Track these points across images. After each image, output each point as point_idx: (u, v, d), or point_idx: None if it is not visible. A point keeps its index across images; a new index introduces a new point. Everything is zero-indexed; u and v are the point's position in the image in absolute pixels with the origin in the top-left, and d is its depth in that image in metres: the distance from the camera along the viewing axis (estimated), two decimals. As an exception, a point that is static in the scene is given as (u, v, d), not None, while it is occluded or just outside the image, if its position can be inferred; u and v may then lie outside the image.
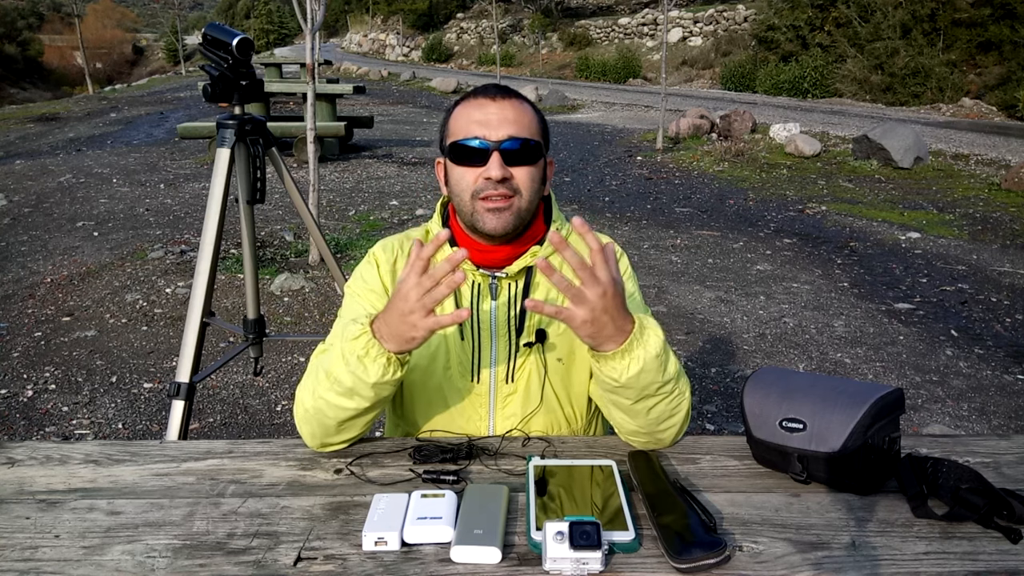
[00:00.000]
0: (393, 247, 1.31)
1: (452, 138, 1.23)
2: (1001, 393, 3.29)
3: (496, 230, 1.20)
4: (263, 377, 3.40)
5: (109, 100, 17.79)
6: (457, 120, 1.23)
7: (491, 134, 1.18)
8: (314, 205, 4.73)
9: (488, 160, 1.17)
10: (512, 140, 1.18)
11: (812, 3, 17.84)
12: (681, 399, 1.13)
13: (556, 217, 1.32)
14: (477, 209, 1.20)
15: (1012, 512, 0.93)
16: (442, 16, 39.50)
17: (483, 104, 1.20)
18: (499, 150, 1.17)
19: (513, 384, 1.27)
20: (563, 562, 0.85)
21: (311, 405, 1.13)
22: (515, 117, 1.20)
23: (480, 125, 1.19)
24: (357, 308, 1.27)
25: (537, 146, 1.22)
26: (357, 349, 1.05)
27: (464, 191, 1.21)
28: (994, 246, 5.58)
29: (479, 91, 1.24)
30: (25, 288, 4.52)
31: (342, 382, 1.08)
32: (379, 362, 1.05)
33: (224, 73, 2.00)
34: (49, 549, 0.91)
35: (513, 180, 1.19)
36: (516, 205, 1.20)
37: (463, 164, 1.20)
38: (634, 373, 1.04)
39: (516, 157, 1.19)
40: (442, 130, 1.27)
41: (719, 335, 3.93)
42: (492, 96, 1.21)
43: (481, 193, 1.18)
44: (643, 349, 1.04)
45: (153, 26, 67.68)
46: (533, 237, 1.28)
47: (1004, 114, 13.87)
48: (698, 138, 10.48)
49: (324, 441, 1.15)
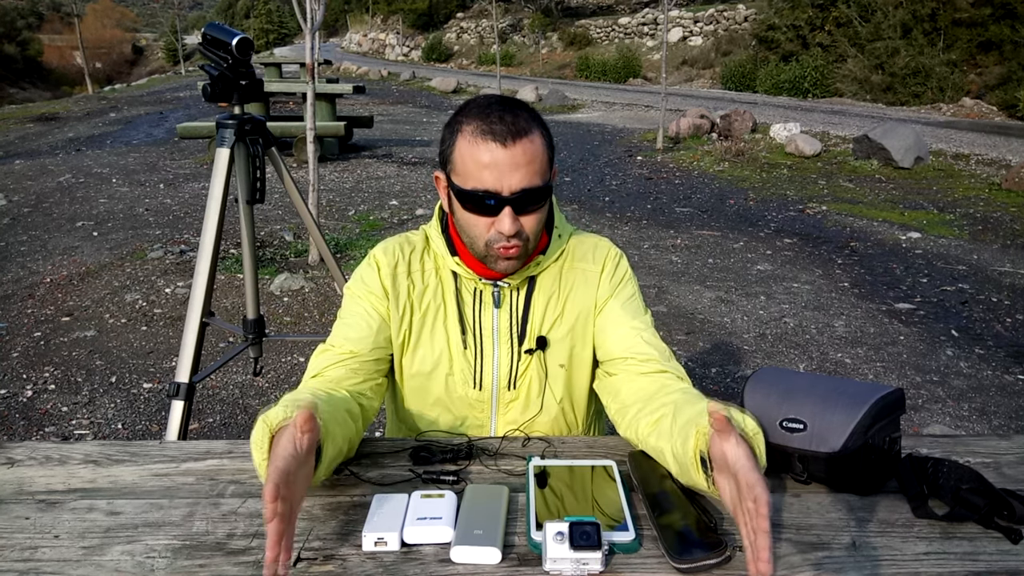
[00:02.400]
0: (394, 250, 1.30)
1: (458, 178, 1.16)
2: (1002, 393, 3.29)
3: (507, 271, 1.22)
4: (263, 377, 3.40)
5: (109, 100, 17.79)
6: (464, 159, 1.14)
7: (503, 186, 1.12)
8: (314, 205, 4.73)
9: (500, 212, 1.14)
10: (524, 191, 1.13)
11: (812, 3, 17.83)
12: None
13: (558, 224, 1.31)
14: (490, 254, 1.18)
15: (1012, 512, 0.93)
16: (442, 16, 39.49)
17: (493, 149, 1.11)
18: (511, 203, 1.13)
19: (515, 391, 1.28)
20: (563, 562, 0.85)
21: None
22: (527, 161, 1.12)
23: (490, 174, 1.11)
24: (357, 309, 1.27)
25: (547, 188, 1.17)
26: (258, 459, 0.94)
27: (477, 238, 1.18)
28: (995, 246, 5.58)
29: (486, 125, 1.12)
30: (25, 288, 4.52)
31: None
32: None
33: (224, 73, 2.00)
34: (49, 549, 0.91)
35: (524, 230, 1.17)
36: (523, 250, 1.19)
37: (472, 212, 1.16)
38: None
39: (527, 205, 1.15)
40: (445, 149, 1.19)
41: (719, 335, 3.93)
42: (503, 141, 1.11)
43: (495, 244, 1.16)
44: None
45: (153, 26, 67.69)
46: (537, 248, 1.27)
47: (1005, 114, 13.86)
48: (698, 138, 10.48)
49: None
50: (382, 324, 1.26)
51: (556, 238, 1.29)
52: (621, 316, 1.27)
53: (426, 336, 1.28)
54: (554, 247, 1.28)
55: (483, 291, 1.27)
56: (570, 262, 1.30)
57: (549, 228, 1.30)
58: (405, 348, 1.29)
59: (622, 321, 1.27)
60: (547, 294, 1.28)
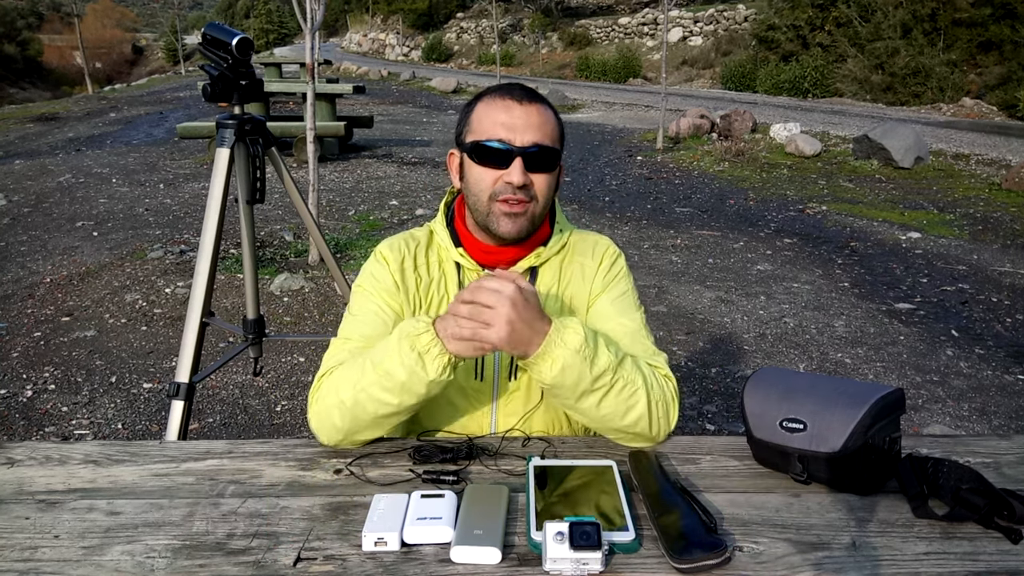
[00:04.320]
0: (399, 246, 1.32)
1: (474, 136, 1.22)
2: (1002, 393, 3.29)
3: (510, 234, 1.22)
4: (263, 377, 3.40)
5: (108, 100, 17.79)
6: (480, 119, 1.21)
7: (516, 138, 1.18)
8: (314, 205, 4.73)
9: (510, 164, 1.18)
10: (536, 146, 1.18)
11: (812, 3, 17.84)
12: (633, 389, 1.10)
13: (559, 219, 1.33)
14: (493, 211, 1.21)
15: (1012, 512, 0.93)
16: (442, 16, 39.50)
17: (509, 106, 1.19)
18: (522, 155, 1.18)
19: (516, 381, 1.29)
20: (563, 562, 0.85)
21: (349, 397, 1.11)
22: (540, 123, 1.20)
23: (505, 128, 1.18)
24: (369, 306, 1.27)
25: (557, 153, 1.23)
26: (419, 345, 1.04)
27: (483, 191, 1.21)
28: (994, 246, 5.58)
29: (504, 90, 1.22)
30: (25, 288, 4.52)
31: (395, 376, 1.07)
32: (439, 361, 1.05)
33: (224, 73, 2.00)
34: (49, 549, 0.91)
35: (532, 186, 1.20)
36: (532, 211, 1.21)
37: (484, 164, 1.20)
38: (557, 372, 1.04)
39: (537, 163, 1.19)
40: (461, 124, 1.26)
41: (719, 335, 3.93)
42: (519, 99, 1.20)
43: (500, 196, 1.19)
44: (562, 348, 1.04)
45: (153, 26, 67.70)
46: (539, 239, 1.29)
47: (1004, 114, 13.87)
48: (698, 138, 10.48)
49: (348, 437, 1.14)
50: (396, 319, 1.28)
51: (557, 232, 1.32)
52: (609, 312, 1.29)
53: None
54: (554, 240, 1.31)
55: None
56: (570, 256, 1.33)
57: (552, 222, 1.32)
58: None
59: (609, 317, 1.28)
60: (548, 286, 1.30)
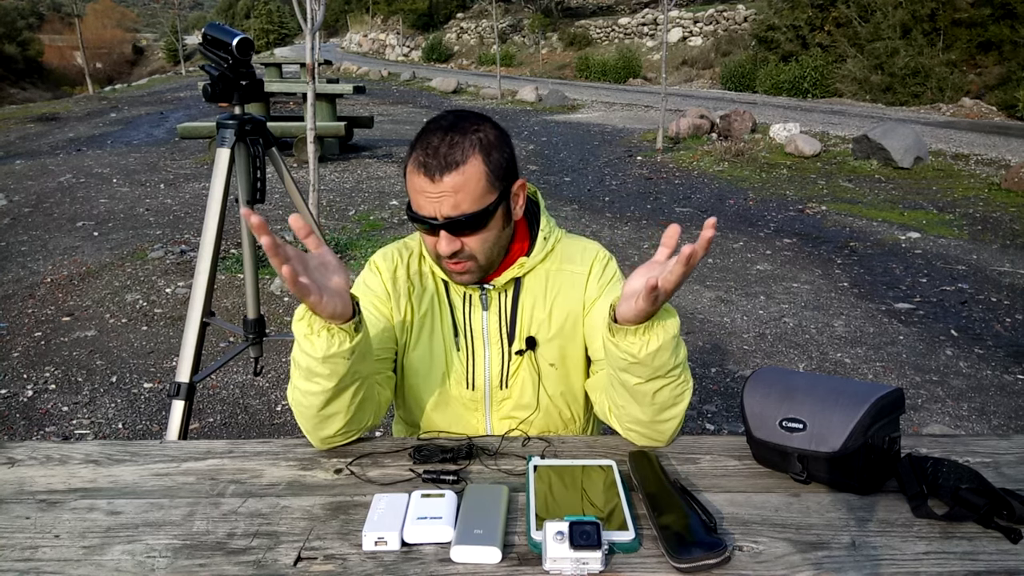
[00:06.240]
0: (392, 255, 1.34)
1: (409, 195, 1.21)
2: (1001, 393, 3.29)
3: (464, 284, 1.27)
4: (263, 377, 3.40)
5: (109, 100, 17.79)
6: (408, 184, 1.20)
7: (437, 211, 1.15)
8: (314, 205, 4.73)
9: (438, 233, 1.18)
10: (456, 217, 1.15)
11: (812, 3, 17.83)
12: (685, 388, 1.14)
13: (544, 226, 1.32)
14: (443, 266, 1.25)
15: (1012, 512, 0.93)
16: (442, 16, 39.49)
17: (423, 183, 1.15)
18: (445, 227, 1.17)
19: (507, 390, 1.32)
20: (563, 562, 0.85)
21: (291, 398, 1.15)
22: (458, 189, 1.14)
23: (426, 199, 1.16)
24: None
25: (484, 213, 1.17)
26: (302, 329, 1.06)
27: (428, 251, 1.26)
28: (994, 246, 5.58)
29: (424, 153, 1.15)
30: (25, 288, 4.52)
31: (300, 364, 1.09)
32: (322, 335, 1.04)
33: (224, 73, 2.00)
34: (49, 549, 0.91)
35: (465, 248, 1.20)
36: (473, 267, 1.23)
37: (420, 230, 1.23)
38: (652, 350, 1.04)
39: (463, 229, 1.17)
40: (404, 169, 1.23)
41: (719, 335, 3.93)
42: (431, 174, 1.14)
43: (442, 260, 1.22)
44: (663, 328, 1.04)
45: (153, 26, 67.71)
46: (519, 251, 1.31)
47: (1004, 114, 13.85)
48: (698, 138, 10.48)
49: (318, 435, 1.16)
50: (387, 325, 1.30)
51: (541, 240, 1.31)
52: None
53: (424, 337, 1.33)
54: (538, 249, 1.31)
55: (472, 294, 1.31)
56: (557, 264, 1.33)
57: (534, 231, 1.32)
58: (407, 348, 1.34)
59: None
60: (534, 296, 1.31)
